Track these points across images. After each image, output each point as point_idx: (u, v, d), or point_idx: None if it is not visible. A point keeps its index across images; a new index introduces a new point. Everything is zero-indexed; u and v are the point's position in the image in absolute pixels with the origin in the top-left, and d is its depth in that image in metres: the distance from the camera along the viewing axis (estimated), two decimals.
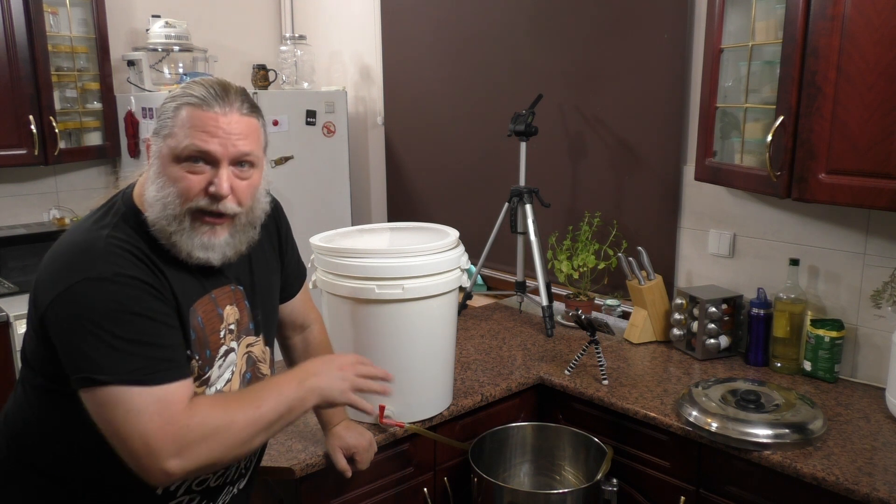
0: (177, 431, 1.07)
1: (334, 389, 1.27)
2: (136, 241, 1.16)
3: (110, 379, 1.06)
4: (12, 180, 3.24)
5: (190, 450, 1.08)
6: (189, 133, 1.15)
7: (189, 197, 1.17)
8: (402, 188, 3.58)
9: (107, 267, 1.10)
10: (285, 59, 3.56)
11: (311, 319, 1.63)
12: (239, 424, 1.14)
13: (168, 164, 1.17)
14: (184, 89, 1.19)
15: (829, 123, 1.68)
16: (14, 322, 2.75)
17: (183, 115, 1.16)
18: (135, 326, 1.09)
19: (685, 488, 1.82)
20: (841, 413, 1.82)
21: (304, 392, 1.23)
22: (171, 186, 1.16)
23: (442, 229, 1.90)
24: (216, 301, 1.27)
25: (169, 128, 1.17)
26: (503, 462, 1.96)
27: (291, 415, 1.22)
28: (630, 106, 2.55)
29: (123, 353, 1.07)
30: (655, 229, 2.50)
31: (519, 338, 2.43)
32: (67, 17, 3.14)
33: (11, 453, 1.27)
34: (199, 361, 1.23)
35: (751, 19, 1.91)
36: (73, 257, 1.12)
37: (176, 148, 1.16)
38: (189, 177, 1.16)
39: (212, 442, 1.10)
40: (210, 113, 1.16)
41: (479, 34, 3.04)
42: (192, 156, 1.16)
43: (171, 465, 1.07)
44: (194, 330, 1.21)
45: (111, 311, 1.08)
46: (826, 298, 2.07)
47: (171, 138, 1.16)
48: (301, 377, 1.25)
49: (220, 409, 1.14)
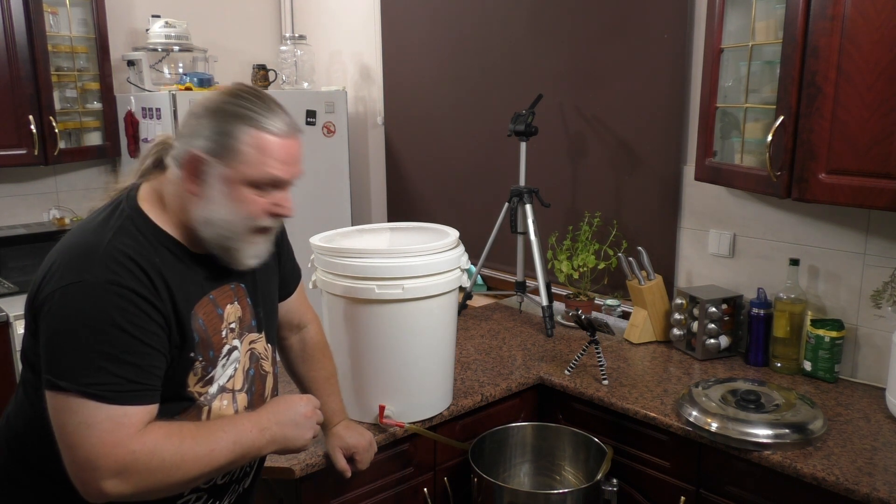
0: (122, 455, 1.06)
1: (297, 439, 1.29)
2: (141, 245, 1.16)
3: (71, 387, 1.06)
4: (12, 180, 3.24)
5: (131, 475, 1.07)
6: (264, 161, 1.17)
7: (256, 217, 1.21)
8: (402, 188, 3.58)
9: (103, 273, 1.09)
10: (285, 59, 3.56)
11: (308, 319, 1.63)
12: (188, 463, 1.12)
13: (238, 188, 1.18)
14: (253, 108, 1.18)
15: (829, 123, 1.68)
16: (14, 322, 2.75)
17: (257, 140, 1.17)
18: (113, 341, 1.08)
19: (685, 488, 1.82)
20: (841, 413, 1.82)
21: (264, 441, 1.23)
22: (241, 209, 1.19)
23: (442, 229, 1.90)
24: (216, 301, 1.27)
25: (240, 152, 1.16)
26: (503, 462, 1.96)
27: (244, 459, 1.22)
28: (630, 106, 2.55)
29: (93, 364, 1.07)
30: (655, 229, 2.50)
31: (519, 338, 2.43)
32: (67, 17, 3.14)
33: (14, 455, 1.27)
34: (202, 362, 1.23)
35: (751, 19, 1.91)
36: (74, 258, 1.12)
37: (252, 176, 1.17)
38: (259, 200, 1.20)
39: (156, 474, 1.09)
40: (285, 141, 1.20)
41: (479, 34, 3.04)
42: (267, 184, 1.19)
43: (107, 485, 1.06)
44: (197, 332, 1.21)
45: (95, 320, 1.07)
46: (826, 298, 2.07)
47: (243, 165, 1.16)
48: (263, 424, 1.24)
49: (175, 443, 1.12)
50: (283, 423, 1.27)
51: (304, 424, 1.30)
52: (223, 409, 1.28)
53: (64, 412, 1.07)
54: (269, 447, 1.25)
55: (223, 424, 1.22)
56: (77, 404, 1.06)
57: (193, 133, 1.18)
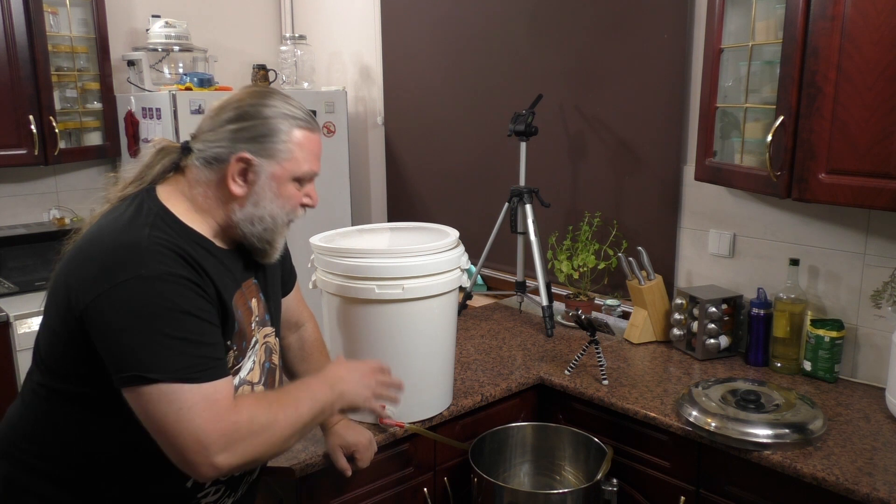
0: (226, 427, 1.11)
1: (359, 395, 1.36)
2: (177, 240, 1.19)
3: (160, 377, 1.08)
4: (12, 180, 3.24)
5: (237, 445, 1.12)
6: (307, 158, 1.28)
7: (296, 209, 1.32)
8: (402, 188, 3.58)
9: (157, 265, 1.12)
10: (285, 59, 3.56)
11: (305, 318, 1.67)
12: (281, 424, 1.18)
13: (284, 184, 1.27)
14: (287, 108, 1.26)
15: (829, 123, 1.68)
16: (14, 322, 2.74)
17: (299, 138, 1.26)
18: (184, 325, 1.12)
19: (685, 488, 1.82)
20: (841, 413, 1.82)
21: (335, 396, 1.31)
22: (287, 204, 1.29)
23: (442, 229, 1.90)
24: (245, 294, 1.32)
25: (286, 150, 1.25)
26: (503, 462, 1.96)
27: (322, 416, 1.29)
28: (630, 106, 2.55)
29: (173, 351, 1.10)
30: (655, 229, 2.50)
31: (519, 338, 2.43)
32: (67, 17, 3.14)
33: (17, 459, 1.26)
34: (235, 352, 1.27)
35: (751, 19, 1.91)
36: (119, 255, 1.13)
37: (296, 171, 1.27)
38: (298, 194, 1.31)
39: (257, 439, 1.15)
40: (315, 136, 1.30)
41: (479, 34, 3.04)
42: (308, 177, 1.31)
43: (219, 459, 1.10)
44: (238, 322, 1.26)
45: (162, 310, 1.11)
46: (826, 298, 2.07)
47: (289, 161, 1.26)
48: (331, 381, 1.32)
49: (265, 408, 1.18)
50: (346, 380, 1.35)
51: (364, 383, 1.38)
52: None
53: (159, 403, 1.09)
54: (339, 402, 1.32)
55: (299, 386, 1.32)
56: (172, 391, 1.09)
57: (230, 136, 1.23)
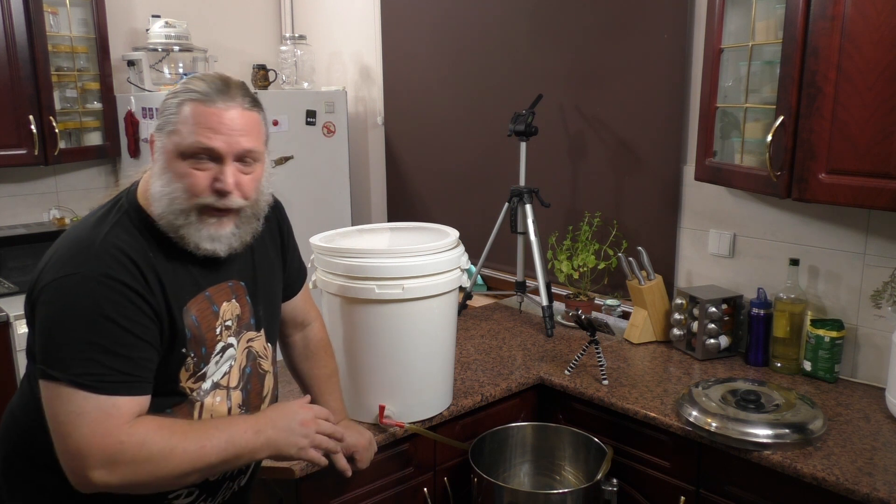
0: (110, 445, 1.08)
1: (291, 446, 1.28)
2: (136, 240, 1.17)
3: (62, 376, 1.08)
4: (12, 180, 3.24)
5: (118, 467, 1.08)
6: (194, 130, 1.16)
7: (196, 193, 1.18)
8: (402, 188, 3.58)
9: (97, 266, 1.11)
10: (285, 59, 3.56)
11: (312, 317, 1.64)
12: (177, 457, 1.12)
13: (173, 160, 1.18)
14: (185, 84, 1.20)
15: (829, 123, 1.68)
16: (14, 322, 2.75)
17: (186, 110, 1.17)
18: (105, 332, 1.10)
19: (685, 488, 1.82)
20: (841, 413, 1.82)
21: (259, 444, 1.23)
22: (177, 182, 1.18)
23: (442, 229, 1.90)
24: (212, 299, 1.27)
25: (173, 124, 1.18)
26: (503, 462, 1.96)
27: (238, 461, 1.22)
28: (630, 106, 2.55)
29: (83, 355, 1.08)
30: (655, 229, 2.50)
31: (519, 338, 2.43)
32: (67, 17, 3.14)
33: (18, 449, 1.27)
34: (194, 358, 1.24)
35: (751, 19, 1.91)
36: (71, 251, 1.15)
37: (181, 144, 1.17)
38: (195, 173, 1.18)
39: (144, 465, 1.10)
40: (213, 109, 1.17)
41: (479, 34, 3.04)
42: (198, 152, 1.17)
43: (95, 475, 1.07)
44: (189, 328, 1.22)
45: (88, 311, 1.09)
46: (826, 298, 2.07)
47: (175, 135, 1.17)
48: (259, 427, 1.24)
49: (164, 436, 1.12)
50: (280, 429, 1.27)
51: (300, 432, 1.30)
52: (216, 405, 1.28)
53: (55, 401, 1.09)
54: (264, 451, 1.25)
55: (218, 423, 1.22)
56: (68, 394, 1.07)
57: None
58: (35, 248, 3.11)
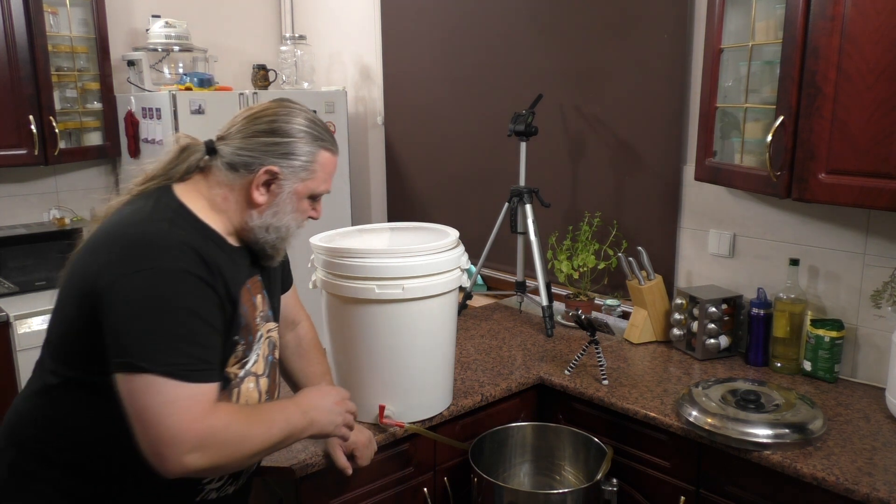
0: (202, 429, 1.13)
1: (329, 424, 1.38)
2: (194, 237, 1.23)
3: (152, 367, 1.11)
4: (12, 180, 3.24)
5: (209, 449, 1.13)
6: (325, 178, 1.37)
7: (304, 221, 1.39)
8: (402, 188, 3.58)
9: (175, 261, 1.16)
10: (285, 59, 3.56)
11: (302, 316, 1.69)
12: (253, 439, 1.21)
13: (302, 199, 1.35)
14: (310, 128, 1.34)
15: (829, 123, 1.68)
16: (14, 322, 2.74)
17: (322, 159, 1.35)
18: (187, 323, 1.15)
19: (685, 488, 1.82)
20: (841, 413, 1.82)
21: (306, 422, 1.33)
22: (300, 216, 1.37)
23: (442, 229, 1.90)
24: (251, 290, 1.35)
25: (310, 170, 1.34)
26: (503, 462, 1.96)
27: (291, 440, 1.31)
28: (630, 106, 2.55)
29: (170, 346, 1.13)
30: (655, 229, 2.50)
31: (519, 338, 2.43)
32: (67, 17, 3.14)
33: (35, 452, 1.26)
34: (243, 345, 1.30)
35: (751, 19, 1.91)
36: (142, 245, 1.18)
37: (316, 189, 1.36)
38: (309, 209, 1.39)
39: (228, 448, 1.16)
40: (335, 158, 1.39)
41: (480, 34, 3.04)
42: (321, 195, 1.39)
43: (189, 459, 1.11)
44: (243, 317, 1.29)
45: (171, 305, 1.14)
46: (826, 298, 2.07)
47: (311, 180, 1.34)
48: (304, 407, 1.34)
49: (242, 420, 1.20)
50: (320, 409, 1.37)
51: (336, 410, 1.40)
52: (250, 391, 1.34)
53: (145, 392, 1.11)
54: (309, 430, 1.34)
55: (274, 406, 1.35)
56: (159, 383, 1.11)
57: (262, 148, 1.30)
58: (35, 248, 3.11)
